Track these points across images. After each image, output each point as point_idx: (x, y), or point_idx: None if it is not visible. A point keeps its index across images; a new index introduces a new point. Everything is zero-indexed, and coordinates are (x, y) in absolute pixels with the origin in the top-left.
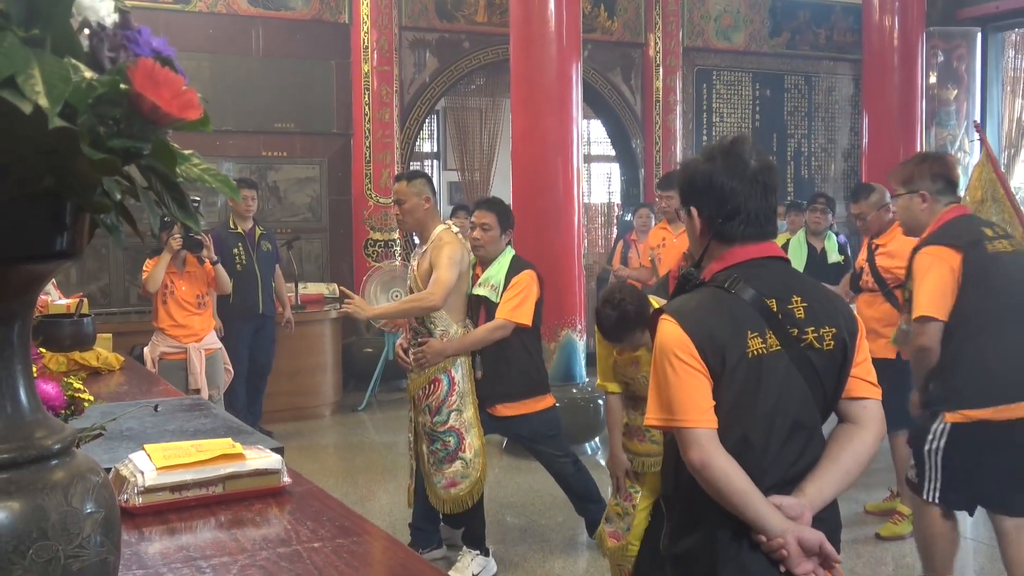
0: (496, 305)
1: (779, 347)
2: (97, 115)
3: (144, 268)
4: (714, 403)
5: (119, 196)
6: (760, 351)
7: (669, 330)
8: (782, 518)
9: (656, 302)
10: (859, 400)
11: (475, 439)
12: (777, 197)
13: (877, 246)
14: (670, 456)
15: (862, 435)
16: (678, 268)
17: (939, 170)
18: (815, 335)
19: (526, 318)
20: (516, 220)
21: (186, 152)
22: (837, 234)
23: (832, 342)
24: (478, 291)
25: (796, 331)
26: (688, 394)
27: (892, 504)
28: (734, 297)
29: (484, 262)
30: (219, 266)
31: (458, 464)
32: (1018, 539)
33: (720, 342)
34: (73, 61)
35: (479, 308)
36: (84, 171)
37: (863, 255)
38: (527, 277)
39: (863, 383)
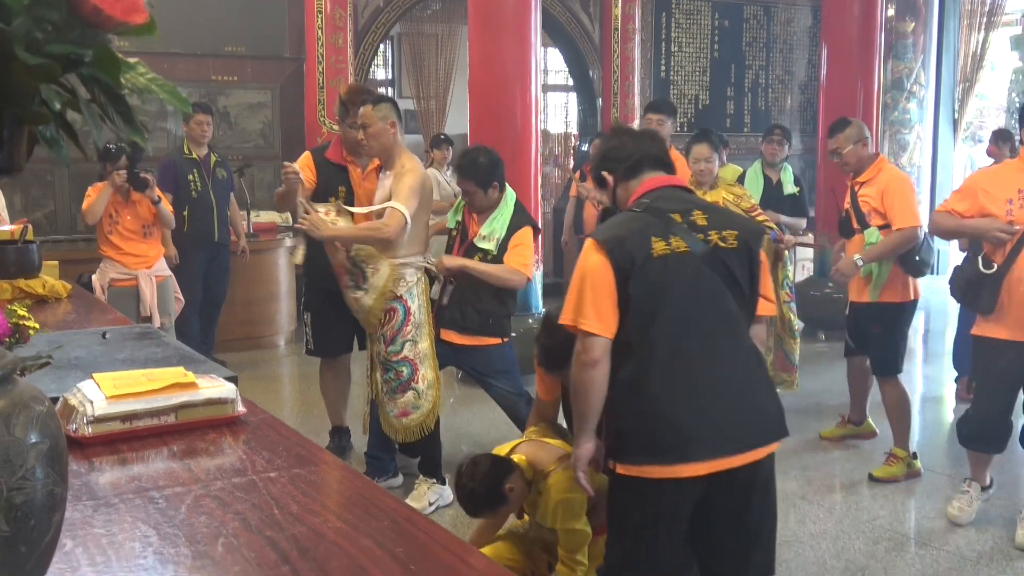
0: (484, 252)
1: (686, 248)
2: (34, 18)
3: (87, 194)
4: (627, 301)
5: (58, 106)
6: (664, 252)
7: (594, 261)
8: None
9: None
10: None
11: (429, 371)
12: (666, 148)
13: (860, 184)
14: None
15: None
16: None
17: None
18: (719, 236)
19: (532, 273)
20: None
21: (131, 60)
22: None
23: (735, 242)
24: (481, 244)
25: (701, 236)
26: (598, 309)
27: (845, 430)
28: (642, 214)
29: (479, 211)
30: (160, 205)
31: (410, 394)
32: None
33: (628, 246)
34: None
35: (454, 242)
36: (19, 77)
37: (847, 197)
38: (528, 236)
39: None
